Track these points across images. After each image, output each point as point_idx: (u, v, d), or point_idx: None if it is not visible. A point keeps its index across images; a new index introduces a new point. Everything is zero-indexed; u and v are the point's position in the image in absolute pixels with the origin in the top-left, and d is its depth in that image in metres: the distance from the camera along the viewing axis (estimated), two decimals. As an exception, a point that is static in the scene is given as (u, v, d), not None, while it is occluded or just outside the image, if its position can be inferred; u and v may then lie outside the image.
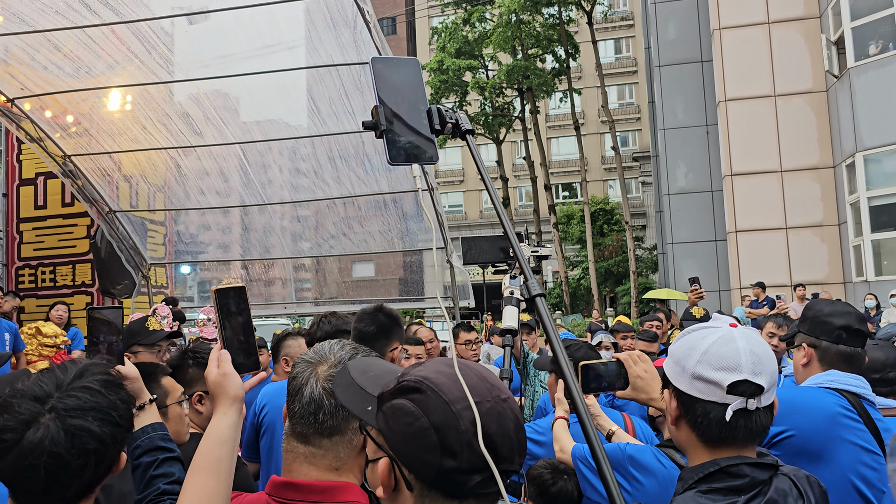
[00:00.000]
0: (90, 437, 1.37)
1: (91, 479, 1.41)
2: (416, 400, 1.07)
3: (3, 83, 7.27)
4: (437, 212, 7.88)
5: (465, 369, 1.11)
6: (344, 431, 1.43)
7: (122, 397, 1.48)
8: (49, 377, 1.44)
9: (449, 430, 1.04)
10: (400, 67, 1.51)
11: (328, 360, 1.48)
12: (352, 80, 6.97)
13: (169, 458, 1.80)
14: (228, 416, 1.46)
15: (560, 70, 30.20)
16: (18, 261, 10.34)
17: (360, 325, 2.71)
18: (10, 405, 1.39)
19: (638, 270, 27.83)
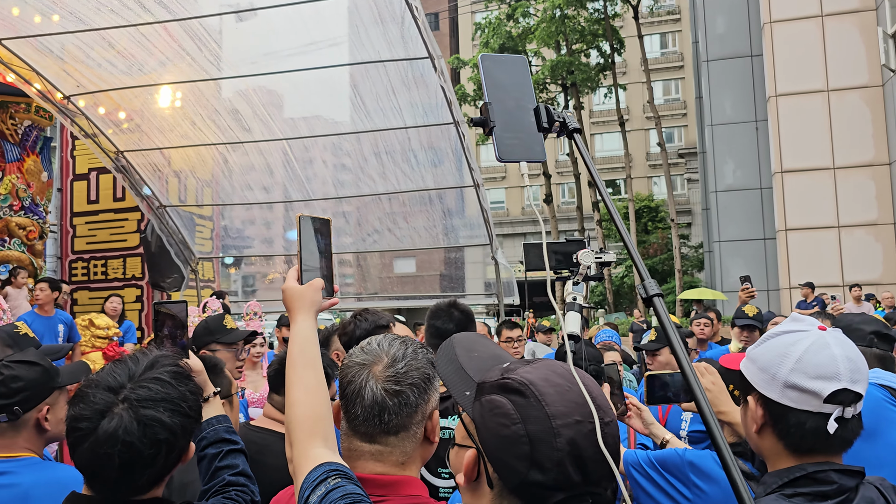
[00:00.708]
0: (161, 428, 1.40)
1: (162, 469, 1.45)
2: (516, 403, 1.05)
3: (60, 80, 7.45)
4: (483, 208, 7.84)
5: (575, 384, 1.08)
6: (409, 427, 1.43)
7: (192, 388, 1.52)
8: (122, 368, 1.48)
9: (543, 444, 1.01)
10: (507, 65, 1.52)
11: (382, 360, 1.46)
12: (399, 76, 6.97)
13: (233, 450, 1.82)
14: (309, 321, 1.53)
15: (605, 65, 29.86)
16: (72, 254, 10.61)
17: (437, 322, 2.70)
18: (85, 395, 1.43)
19: (683, 269, 27.40)
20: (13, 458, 2.05)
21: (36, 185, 8.96)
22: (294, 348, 1.49)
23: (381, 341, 1.51)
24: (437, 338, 2.68)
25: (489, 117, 1.42)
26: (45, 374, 2.11)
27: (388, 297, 10.92)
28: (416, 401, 1.42)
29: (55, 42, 6.92)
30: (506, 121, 1.43)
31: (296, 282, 1.58)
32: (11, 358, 2.11)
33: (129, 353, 5.07)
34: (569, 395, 1.06)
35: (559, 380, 1.08)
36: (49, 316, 7.29)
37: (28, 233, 8.75)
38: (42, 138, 9.15)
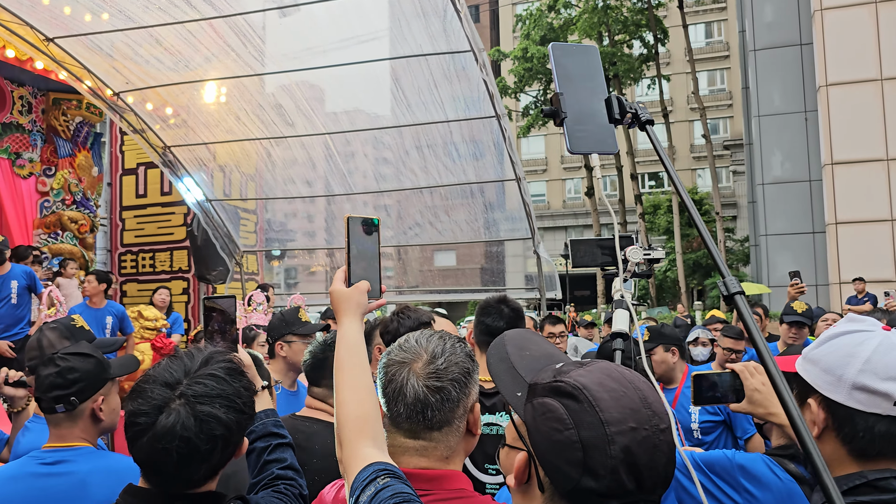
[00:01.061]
0: (217, 423, 1.43)
1: (217, 463, 1.48)
2: (569, 407, 1.03)
3: (109, 77, 7.61)
4: (525, 202, 7.79)
5: (630, 388, 1.05)
6: (451, 421, 1.44)
7: (245, 385, 1.54)
8: (178, 364, 1.51)
9: (597, 451, 0.99)
10: (578, 55, 1.51)
11: (421, 357, 1.46)
12: (440, 69, 6.95)
13: (281, 444, 1.84)
14: (356, 324, 1.54)
15: (648, 56, 29.40)
16: (121, 247, 10.86)
17: (487, 319, 2.68)
18: (143, 390, 1.46)
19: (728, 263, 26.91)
20: (70, 448, 2.11)
21: (87, 180, 9.19)
22: (341, 350, 1.51)
23: (418, 338, 1.51)
24: (487, 335, 2.67)
25: (560, 108, 1.41)
26: (99, 366, 2.16)
27: (428, 290, 10.94)
28: (457, 396, 1.43)
29: (105, 40, 7.07)
30: (577, 112, 1.42)
31: (343, 284, 1.59)
32: (66, 350, 2.16)
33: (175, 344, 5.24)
34: (623, 400, 1.03)
35: (614, 384, 1.05)
36: (98, 308, 7.45)
37: (80, 226, 8.98)
38: (93, 134, 9.38)
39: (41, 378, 2.11)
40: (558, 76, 1.44)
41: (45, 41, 6.73)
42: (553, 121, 1.42)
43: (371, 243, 1.65)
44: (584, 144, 1.42)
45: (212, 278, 9.64)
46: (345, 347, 1.51)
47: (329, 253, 10.49)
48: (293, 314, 3.55)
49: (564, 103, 1.41)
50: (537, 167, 45.66)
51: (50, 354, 2.19)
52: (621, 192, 31.44)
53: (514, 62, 30.93)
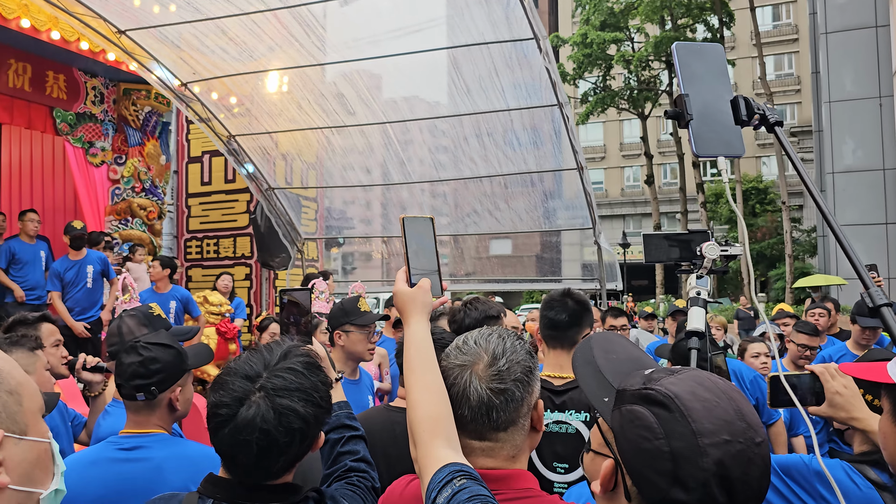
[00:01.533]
0: (296, 417, 1.45)
1: (295, 456, 1.50)
2: (660, 416, 1.01)
3: (177, 67, 7.79)
4: (587, 191, 7.68)
5: (724, 399, 1.02)
6: (516, 421, 1.43)
7: (322, 379, 1.56)
8: (257, 357, 1.53)
9: (688, 462, 0.97)
10: (704, 54, 1.47)
11: (483, 359, 1.45)
12: (502, 57, 6.88)
13: (354, 437, 1.85)
14: (422, 323, 1.56)
15: (713, 40, 28.56)
16: (187, 233, 11.16)
17: (551, 314, 2.64)
18: (224, 383, 1.49)
19: (794, 254, 26.08)
20: (147, 434, 2.17)
21: (155, 168, 9.45)
22: (410, 351, 1.52)
23: (477, 339, 1.50)
24: (551, 328, 2.63)
25: (685, 110, 1.38)
26: (178, 357, 2.23)
27: (483, 279, 10.90)
28: (521, 395, 1.42)
29: (173, 31, 7.23)
30: (702, 114, 1.38)
31: (405, 284, 1.60)
32: (148, 339, 2.22)
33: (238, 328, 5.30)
34: (717, 411, 1.00)
35: (707, 394, 1.02)
36: (163, 293, 7.69)
37: (148, 213, 9.26)
38: (161, 123, 9.63)
39: (124, 365, 2.18)
40: (683, 76, 1.41)
41: (117, 33, 6.92)
42: (677, 122, 1.40)
43: (428, 241, 1.66)
44: (710, 147, 1.38)
45: (275, 265, 9.82)
46: (414, 348, 1.52)
47: (385, 241, 10.57)
48: (352, 304, 3.58)
49: (690, 105, 1.38)
50: (595, 154, 45.01)
51: (132, 342, 2.25)
52: (682, 181, 30.72)
53: (574, 48, 30.47)
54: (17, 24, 7.19)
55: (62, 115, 8.48)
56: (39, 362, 2.53)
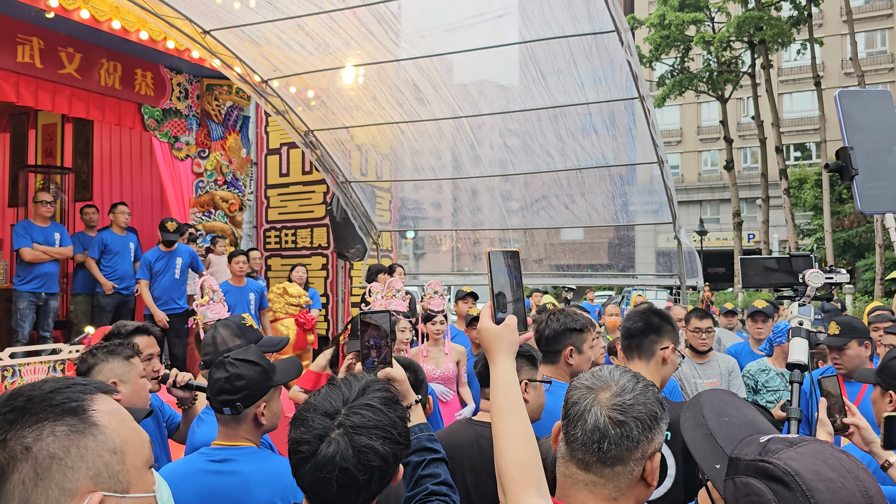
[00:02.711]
0: (375, 455, 1.45)
1: (375, 491, 1.50)
2: (778, 494, 0.96)
3: (257, 64, 7.95)
4: (667, 185, 7.47)
5: (849, 479, 0.96)
6: (626, 461, 1.38)
7: (401, 415, 1.56)
8: (336, 393, 1.54)
9: None
10: (869, 101, 1.39)
11: (610, 388, 1.43)
12: (581, 48, 6.74)
13: (435, 459, 1.84)
14: (508, 362, 1.55)
15: (799, 18, 27.27)
16: (266, 223, 11.44)
17: (628, 324, 2.65)
18: (305, 419, 1.50)
19: (886, 243, 24.77)
20: (236, 447, 2.24)
21: (236, 161, 9.70)
22: (498, 393, 1.50)
23: (612, 370, 1.48)
24: (627, 338, 2.64)
25: (850, 164, 1.33)
26: (264, 374, 2.28)
27: (554, 268, 10.75)
28: (638, 436, 1.37)
29: (253, 28, 7.37)
30: (868, 167, 1.32)
31: (491, 320, 1.58)
32: (237, 356, 2.28)
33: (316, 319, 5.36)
34: (842, 493, 0.94)
35: (831, 473, 0.96)
36: (241, 286, 7.91)
37: (230, 205, 9.52)
38: (242, 117, 9.86)
39: (212, 380, 2.25)
40: (846, 127, 1.34)
41: (202, 34, 7.11)
42: (840, 177, 1.33)
43: (513, 275, 1.63)
44: (877, 204, 1.32)
45: (350, 256, 9.97)
46: (501, 391, 1.50)
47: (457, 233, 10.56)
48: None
49: (855, 159, 1.32)
50: (672, 138, 43.80)
51: (222, 356, 2.31)
52: (764, 166, 29.53)
53: (650, 30, 29.61)
54: (108, 26, 7.47)
55: (149, 112, 8.79)
56: (135, 370, 2.62)
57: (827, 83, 36.47)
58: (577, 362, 2.94)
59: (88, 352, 2.65)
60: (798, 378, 1.91)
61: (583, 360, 2.95)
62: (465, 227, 10.28)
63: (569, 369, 2.94)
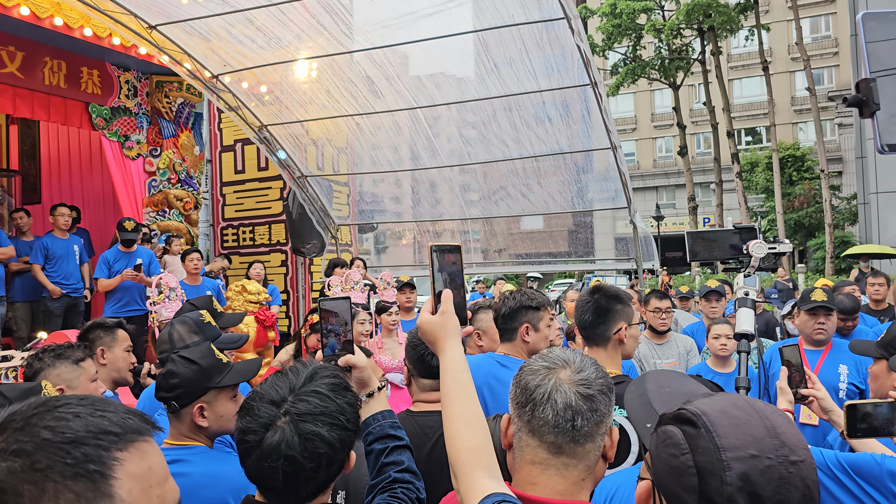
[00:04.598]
0: (321, 442, 1.44)
1: (324, 480, 1.48)
2: (687, 433, 1.00)
3: (207, 59, 7.83)
4: (621, 170, 7.57)
5: (755, 417, 1.00)
6: (595, 437, 1.38)
7: (349, 401, 1.54)
8: (283, 381, 1.52)
9: (712, 477, 0.96)
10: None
11: (568, 366, 1.42)
12: (532, 36, 6.78)
13: (399, 447, 1.82)
14: (456, 348, 1.53)
15: (746, 5, 27.80)
16: (222, 221, 11.28)
17: (578, 314, 2.62)
18: (251, 408, 1.48)
19: (834, 223, 25.46)
20: (186, 447, 2.18)
21: (190, 159, 9.54)
22: (447, 379, 1.49)
23: (560, 351, 1.48)
24: (581, 329, 2.63)
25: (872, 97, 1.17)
26: (201, 374, 2.20)
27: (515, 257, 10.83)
28: (604, 409, 1.38)
29: (201, 23, 7.25)
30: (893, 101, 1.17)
31: (430, 314, 1.58)
32: (183, 353, 2.23)
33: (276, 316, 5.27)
34: (745, 427, 0.98)
35: (737, 412, 1.00)
36: (197, 285, 7.80)
37: (185, 204, 9.37)
38: (194, 114, 9.70)
39: (157, 375, 2.21)
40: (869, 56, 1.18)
41: (148, 29, 6.97)
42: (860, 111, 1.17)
43: (455, 270, 1.64)
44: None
45: (306, 251, 9.89)
46: (451, 376, 1.49)
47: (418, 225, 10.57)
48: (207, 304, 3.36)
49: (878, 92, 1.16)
50: (626, 126, 44.35)
51: (172, 353, 2.27)
52: (716, 150, 30.11)
53: (602, 19, 29.91)
54: (50, 23, 7.28)
55: (97, 110, 8.60)
56: (85, 374, 2.55)
57: (774, 68, 37.29)
58: (533, 340, 2.96)
59: (35, 355, 2.57)
60: (745, 348, 1.95)
61: (539, 338, 2.97)
62: (425, 219, 10.28)
63: (525, 347, 2.96)
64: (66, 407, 0.83)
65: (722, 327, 4.49)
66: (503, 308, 3.09)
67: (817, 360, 4.17)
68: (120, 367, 3.02)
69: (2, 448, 0.78)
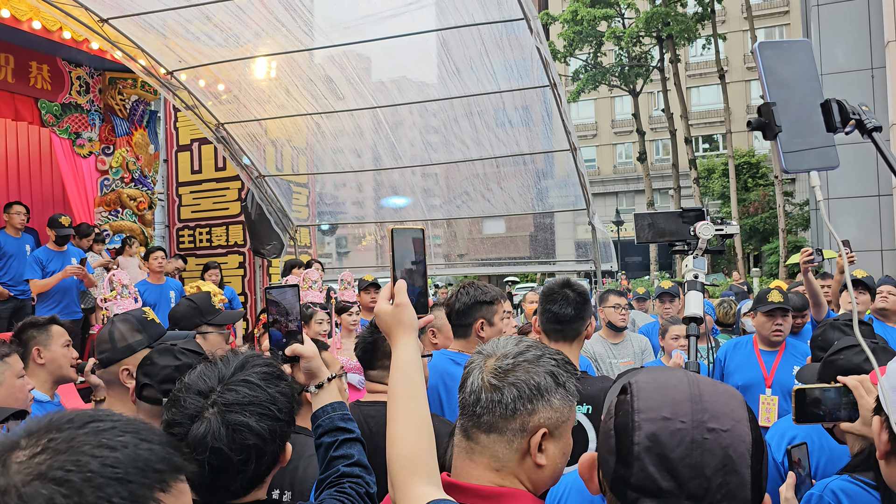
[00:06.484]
0: (249, 433, 1.38)
1: (255, 474, 1.42)
2: (618, 400, 1.01)
3: (162, 56, 7.67)
4: (580, 172, 7.62)
5: (683, 384, 0.99)
6: (502, 431, 1.32)
7: (282, 390, 1.48)
8: (212, 370, 1.46)
9: (625, 437, 0.96)
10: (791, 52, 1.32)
11: (497, 354, 1.39)
12: (492, 38, 6.79)
13: (349, 439, 1.76)
14: (410, 344, 1.45)
15: (703, 14, 28.36)
16: (178, 222, 11.07)
17: (555, 307, 2.55)
18: (178, 399, 1.42)
19: (788, 228, 26.05)
20: None
21: (144, 158, 9.34)
22: (396, 376, 1.41)
23: (508, 340, 1.43)
24: (555, 322, 2.55)
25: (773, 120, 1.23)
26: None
27: (476, 260, 10.85)
28: (512, 404, 1.31)
29: (157, 18, 7.10)
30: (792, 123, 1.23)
31: (387, 302, 1.49)
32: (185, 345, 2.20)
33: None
34: (667, 391, 0.97)
35: (667, 380, 1.00)
36: (161, 284, 7.62)
37: (138, 203, 9.16)
38: (148, 112, 9.50)
39: (157, 367, 2.11)
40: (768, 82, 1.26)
41: (99, 22, 6.80)
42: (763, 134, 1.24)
43: (417, 255, 1.56)
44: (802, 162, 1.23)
45: (266, 252, 9.75)
46: (399, 373, 1.41)
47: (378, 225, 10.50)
48: (206, 301, 3.28)
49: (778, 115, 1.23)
50: (587, 132, 44.85)
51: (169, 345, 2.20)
52: (674, 157, 30.62)
53: (564, 25, 30.21)
54: (-3, 15, 7.07)
55: (47, 106, 8.36)
56: (10, 370, 2.45)
57: (731, 77, 38.07)
58: (488, 335, 2.93)
59: None
60: (694, 331, 1.93)
61: (494, 333, 2.94)
62: (386, 220, 10.22)
63: (480, 343, 2.93)
64: (111, 432, 0.77)
65: (680, 328, 4.54)
66: (457, 304, 3.06)
67: (773, 361, 4.23)
68: (60, 364, 2.90)
69: (40, 472, 0.70)
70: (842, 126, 1.25)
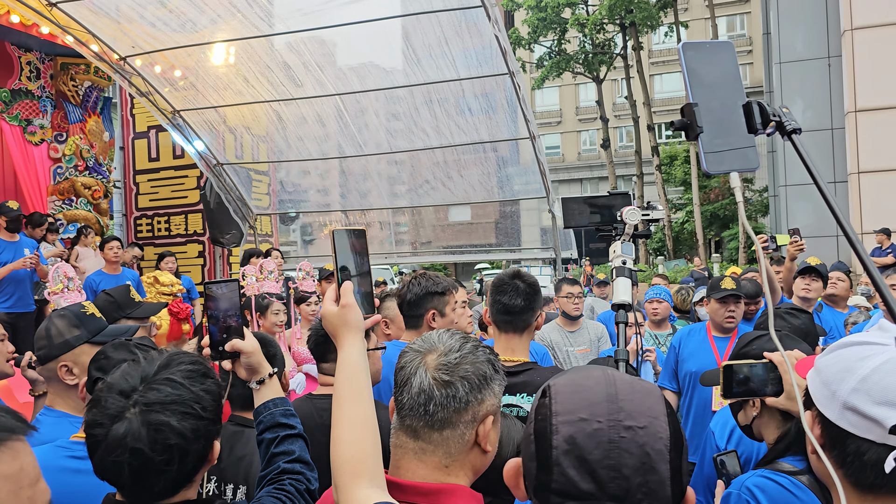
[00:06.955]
0: (171, 432, 1.35)
1: (180, 475, 1.39)
2: (538, 404, 1.01)
3: (115, 41, 7.50)
4: (539, 160, 7.66)
5: (600, 385, 0.98)
6: (455, 425, 1.33)
7: (208, 388, 1.45)
8: (135, 369, 1.43)
9: (543, 440, 0.95)
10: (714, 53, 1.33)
11: (437, 350, 1.38)
12: (451, 25, 6.77)
13: (290, 436, 1.75)
14: (356, 345, 1.44)
15: (666, 2, 28.57)
16: (136, 211, 10.87)
17: (505, 298, 2.53)
18: (99, 400, 1.38)
19: (747, 214, 26.55)
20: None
21: (98, 146, 9.14)
22: (341, 378, 1.40)
23: (441, 334, 1.43)
24: (505, 314, 2.54)
25: (695, 121, 1.24)
26: None
27: (442, 248, 10.86)
28: (465, 396, 1.33)
29: (109, 3, 6.94)
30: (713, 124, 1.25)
31: (334, 304, 1.48)
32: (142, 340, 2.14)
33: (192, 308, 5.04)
34: (584, 393, 0.97)
35: (584, 381, 1.00)
36: (117, 274, 7.48)
37: (93, 192, 8.97)
38: (102, 98, 9.29)
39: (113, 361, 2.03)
40: (691, 83, 1.26)
41: (47, 6, 6.61)
42: (685, 135, 1.26)
43: (361, 255, 1.55)
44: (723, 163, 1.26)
45: (225, 241, 9.64)
46: (344, 375, 1.40)
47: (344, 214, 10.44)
48: (124, 294, 3.21)
49: (700, 116, 1.24)
50: (552, 119, 45.03)
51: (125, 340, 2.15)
52: (637, 144, 30.94)
53: (528, 12, 30.21)
54: (-61, -2, 6.83)
55: (-4, 93, 8.13)
56: None
57: (693, 65, 38.43)
58: (440, 325, 2.92)
59: None
60: (623, 318, 1.93)
61: (446, 323, 2.93)
62: (351, 209, 10.16)
63: None
64: None
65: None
66: (408, 295, 3.04)
67: (726, 348, 4.28)
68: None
69: None
70: (762, 128, 1.27)
